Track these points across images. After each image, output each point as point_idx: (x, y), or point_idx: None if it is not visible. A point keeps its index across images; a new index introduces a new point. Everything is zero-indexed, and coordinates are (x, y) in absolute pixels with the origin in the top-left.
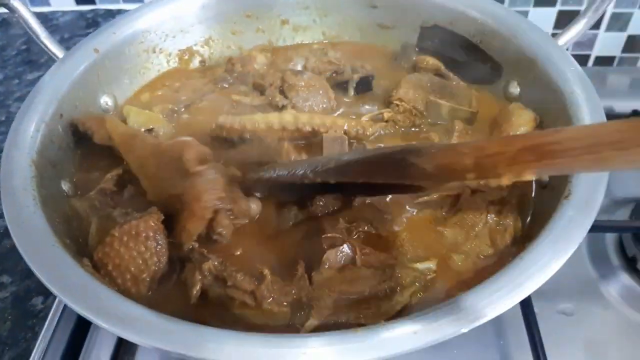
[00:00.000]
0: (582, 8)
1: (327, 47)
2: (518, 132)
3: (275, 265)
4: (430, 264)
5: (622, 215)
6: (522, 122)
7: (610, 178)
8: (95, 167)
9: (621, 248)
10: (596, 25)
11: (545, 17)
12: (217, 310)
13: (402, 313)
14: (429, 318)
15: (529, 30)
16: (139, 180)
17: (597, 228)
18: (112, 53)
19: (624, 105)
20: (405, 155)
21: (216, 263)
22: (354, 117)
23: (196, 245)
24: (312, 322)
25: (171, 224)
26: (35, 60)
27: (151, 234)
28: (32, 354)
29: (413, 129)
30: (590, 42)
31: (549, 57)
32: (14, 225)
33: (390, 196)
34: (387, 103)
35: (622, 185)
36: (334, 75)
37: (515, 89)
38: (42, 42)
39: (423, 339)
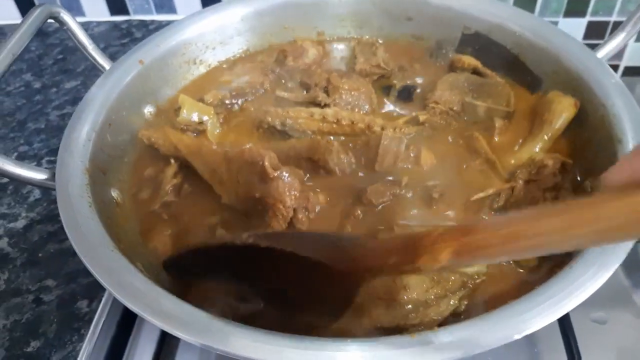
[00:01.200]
0: (612, 19)
1: (376, 43)
2: (561, 119)
3: None
4: (480, 268)
5: None
6: (562, 107)
7: None
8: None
9: None
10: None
11: (575, 27)
12: None
13: (451, 319)
14: (481, 324)
15: (567, 43)
16: (212, 185)
17: None
18: (156, 64)
19: None
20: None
21: None
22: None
23: None
24: (365, 326)
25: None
26: (72, 70)
27: None
28: (79, 356)
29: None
30: (619, 53)
31: (589, 69)
32: (71, 230)
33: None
34: (424, 105)
35: None
36: (380, 78)
37: None
38: (89, 54)
39: (476, 345)
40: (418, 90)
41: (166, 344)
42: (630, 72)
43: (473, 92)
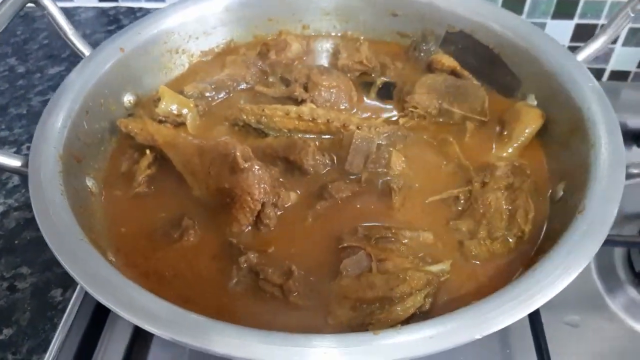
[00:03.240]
0: (600, 22)
1: (360, 39)
2: (527, 130)
3: (303, 263)
4: (444, 266)
5: (631, 230)
6: (529, 119)
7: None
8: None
9: (629, 262)
10: (613, 40)
11: (562, 29)
12: (249, 302)
13: (416, 317)
14: (444, 323)
15: (548, 45)
16: (185, 176)
17: (606, 242)
18: (137, 52)
19: (637, 122)
20: None
21: (252, 257)
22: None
23: (234, 240)
24: (330, 324)
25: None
26: (57, 55)
27: None
28: (51, 345)
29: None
30: (606, 57)
31: (568, 72)
32: (41, 218)
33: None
34: (402, 106)
35: (631, 201)
36: (362, 74)
37: (532, 102)
38: (69, 39)
39: (439, 344)
40: (397, 88)
41: (141, 336)
42: (616, 76)
43: (450, 95)
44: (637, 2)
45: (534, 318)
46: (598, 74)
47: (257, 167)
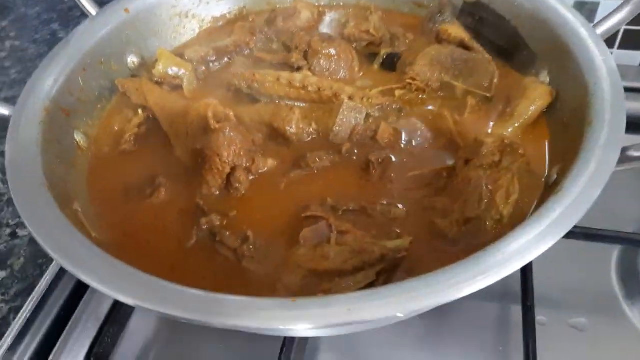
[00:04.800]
0: None
1: (372, 8)
2: (532, 108)
3: (265, 229)
4: (402, 242)
5: None
6: (537, 95)
7: None
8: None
9: None
10: (611, 44)
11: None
12: (201, 264)
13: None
14: (369, 297)
15: (567, 16)
16: (169, 136)
17: (630, 242)
18: (143, 15)
19: None
20: None
21: (214, 219)
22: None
23: (201, 202)
24: (277, 291)
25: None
26: None
27: None
28: (36, 290)
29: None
30: None
31: (582, 45)
32: (11, 163)
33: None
34: (402, 77)
35: None
36: (369, 45)
37: (545, 79)
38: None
39: (355, 316)
40: (401, 60)
41: None
42: None
43: (455, 69)
44: None
45: (527, 314)
46: None
47: (228, 128)
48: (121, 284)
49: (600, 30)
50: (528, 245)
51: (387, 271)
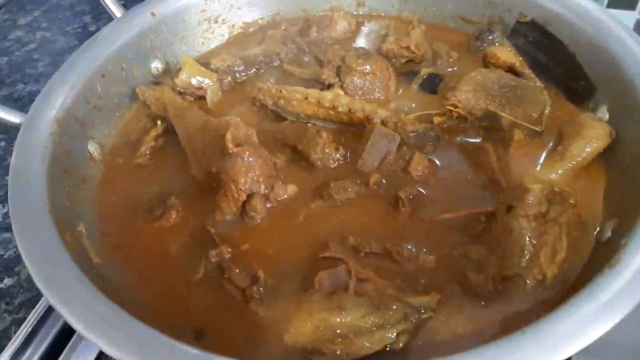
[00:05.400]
0: None
1: (414, 21)
2: (587, 149)
3: (278, 266)
4: (429, 300)
5: None
6: (594, 134)
7: None
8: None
9: None
10: None
11: None
12: (206, 300)
13: (386, 355)
14: None
15: (634, 46)
16: (186, 152)
17: None
18: (170, 19)
19: None
20: None
21: (225, 251)
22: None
23: (212, 230)
24: (283, 342)
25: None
26: None
27: None
28: (40, 301)
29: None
30: None
31: None
32: (13, 186)
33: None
34: (443, 103)
35: None
36: (408, 62)
37: (604, 115)
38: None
39: None
40: (444, 82)
41: None
42: None
43: (502, 97)
44: None
45: None
46: None
47: (247, 153)
48: (108, 333)
49: None
50: (576, 328)
51: (408, 332)
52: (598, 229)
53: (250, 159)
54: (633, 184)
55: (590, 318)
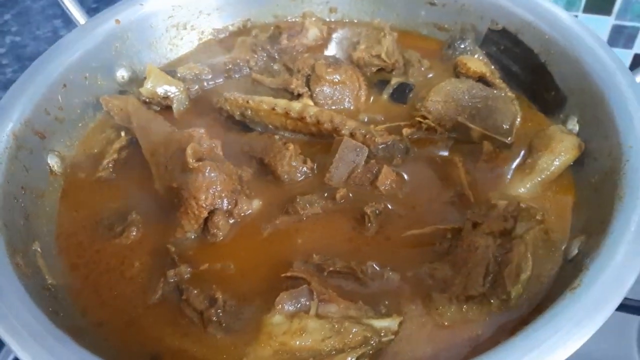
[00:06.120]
0: None
1: (386, 29)
2: (556, 162)
3: (239, 286)
4: (390, 322)
5: None
6: (563, 147)
7: None
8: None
9: None
10: None
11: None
12: (162, 324)
13: None
14: None
15: (605, 58)
16: (150, 166)
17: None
18: (136, 26)
19: None
20: None
21: (184, 271)
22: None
23: (172, 248)
24: None
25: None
26: None
27: None
28: None
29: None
30: None
31: (620, 95)
32: None
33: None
34: (412, 114)
35: None
36: (380, 71)
37: (574, 127)
38: (64, 5)
39: None
40: (414, 92)
41: None
42: None
43: (472, 107)
44: None
45: None
46: None
47: (209, 168)
48: None
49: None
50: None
51: (368, 356)
52: (566, 245)
53: (212, 175)
54: (601, 200)
55: (548, 347)
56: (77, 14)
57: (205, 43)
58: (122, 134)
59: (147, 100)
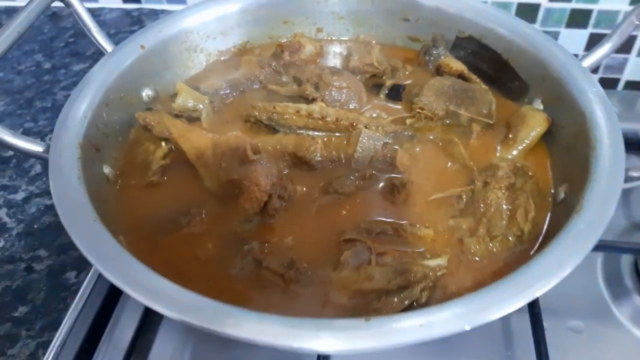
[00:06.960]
0: None
1: (371, 43)
2: (532, 133)
3: (305, 254)
4: (441, 261)
5: None
6: (535, 122)
7: (632, 202)
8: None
9: (636, 271)
10: (627, 50)
11: (577, 38)
12: (249, 290)
13: (412, 309)
14: (435, 312)
15: (555, 51)
16: (197, 168)
17: (614, 249)
18: (157, 50)
19: None
20: None
21: (256, 246)
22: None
23: (239, 229)
24: (327, 314)
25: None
26: (82, 53)
27: None
28: (62, 324)
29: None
30: (620, 66)
31: (573, 78)
32: (59, 200)
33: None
34: (410, 107)
35: None
36: (372, 76)
37: (539, 106)
38: (93, 36)
39: (428, 332)
40: (406, 91)
41: (149, 319)
42: (631, 86)
43: (457, 98)
44: None
45: (536, 321)
46: (612, 83)
47: (265, 159)
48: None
49: (586, 63)
50: (563, 259)
51: (429, 288)
52: (553, 192)
53: (268, 164)
54: (575, 155)
55: (573, 250)
56: (105, 43)
57: (212, 64)
58: (163, 143)
59: (178, 113)
